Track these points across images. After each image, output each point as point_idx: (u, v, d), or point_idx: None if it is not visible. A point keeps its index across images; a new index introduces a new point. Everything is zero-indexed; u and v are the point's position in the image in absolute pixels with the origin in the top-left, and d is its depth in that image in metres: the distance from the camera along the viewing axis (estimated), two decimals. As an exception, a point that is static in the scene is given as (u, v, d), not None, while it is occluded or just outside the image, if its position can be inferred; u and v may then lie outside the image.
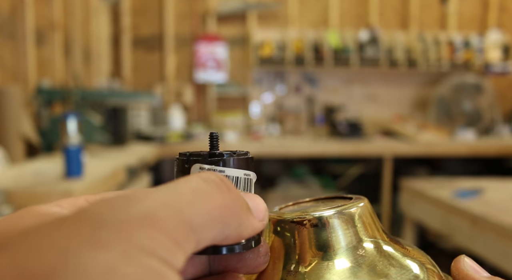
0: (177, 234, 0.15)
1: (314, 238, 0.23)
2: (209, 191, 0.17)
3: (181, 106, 3.19)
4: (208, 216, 0.17)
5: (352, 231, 0.23)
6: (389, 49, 3.30)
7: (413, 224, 1.94)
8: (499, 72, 3.43)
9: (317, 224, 0.23)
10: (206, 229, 0.16)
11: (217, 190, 0.18)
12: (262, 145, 2.82)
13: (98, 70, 3.03)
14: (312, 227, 0.23)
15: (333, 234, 0.23)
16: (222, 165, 0.21)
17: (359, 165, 3.09)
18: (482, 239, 1.37)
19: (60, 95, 2.03)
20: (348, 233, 0.23)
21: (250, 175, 0.22)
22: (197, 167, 0.21)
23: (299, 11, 3.43)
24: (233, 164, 0.21)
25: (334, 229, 0.23)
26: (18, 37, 1.91)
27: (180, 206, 0.16)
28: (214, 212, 0.17)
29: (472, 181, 1.92)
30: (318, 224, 0.23)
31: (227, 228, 0.18)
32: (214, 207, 0.17)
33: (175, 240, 0.15)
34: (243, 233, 0.19)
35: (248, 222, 0.19)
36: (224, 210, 0.17)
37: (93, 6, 2.93)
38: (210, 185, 0.18)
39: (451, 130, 3.21)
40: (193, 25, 3.36)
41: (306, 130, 3.41)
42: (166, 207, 0.16)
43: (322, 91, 3.50)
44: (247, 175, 0.22)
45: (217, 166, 0.21)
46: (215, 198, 0.17)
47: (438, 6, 3.55)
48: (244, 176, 0.22)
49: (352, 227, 0.23)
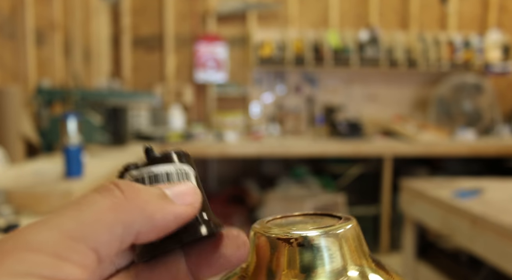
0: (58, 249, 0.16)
1: (299, 258, 0.22)
2: (97, 198, 0.18)
3: (181, 106, 3.20)
4: (95, 221, 0.17)
5: (339, 254, 0.22)
6: (389, 49, 3.30)
7: (413, 224, 1.94)
8: (499, 72, 3.43)
9: (304, 244, 0.22)
10: (98, 234, 0.17)
11: (109, 195, 0.18)
12: (262, 145, 2.82)
13: (98, 70, 3.04)
14: (298, 246, 0.22)
15: (318, 256, 0.22)
16: (149, 164, 0.22)
17: (359, 165, 3.09)
18: (482, 239, 1.37)
19: (60, 95, 2.03)
20: (334, 257, 0.22)
21: (184, 169, 0.23)
22: (127, 175, 0.22)
23: (299, 11, 3.43)
24: (160, 161, 0.22)
25: (320, 251, 0.22)
26: (18, 37, 1.91)
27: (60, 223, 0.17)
28: (103, 216, 0.18)
29: (472, 181, 1.92)
30: (304, 244, 0.22)
31: (132, 225, 0.18)
32: (103, 211, 0.18)
33: (57, 256, 0.16)
34: (159, 222, 0.19)
35: (164, 210, 0.19)
36: (119, 210, 0.18)
37: (93, 6, 2.93)
38: (101, 194, 0.18)
39: (451, 130, 3.21)
40: (193, 25, 3.36)
41: (306, 130, 3.41)
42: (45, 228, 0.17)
43: (322, 91, 3.50)
44: (179, 168, 0.22)
45: (144, 167, 0.22)
46: (105, 203, 0.18)
47: (438, 6, 3.55)
48: (175, 170, 0.22)
49: (339, 250, 0.22)
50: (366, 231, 1.66)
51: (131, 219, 0.18)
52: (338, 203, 2.31)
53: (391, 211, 2.91)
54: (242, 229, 0.24)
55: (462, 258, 1.85)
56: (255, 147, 2.79)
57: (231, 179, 3.38)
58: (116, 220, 0.18)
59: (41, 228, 0.17)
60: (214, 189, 3.37)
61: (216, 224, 0.23)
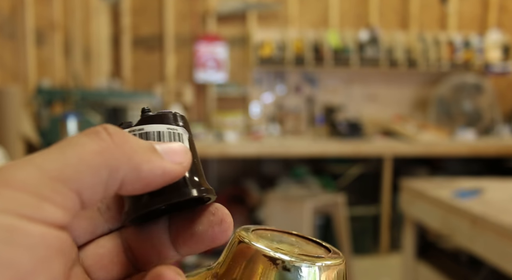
0: (41, 189, 0.16)
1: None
2: (84, 141, 0.17)
3: (181, 106, 3.20)
4: (79, 163, 0.17)
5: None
6: (389, 49, 3.30)
7: (413, 224, 1.94)
8: (499, 72, 3.43)
9: (289, 269, 0.20)
10: (82, 176, 0.16)
11: (96, 138, 0.18)
12: (262, 145, 2.82)
13: (98, 70, 3.04)
14: (283, 269, 0.20)
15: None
16: (142, 123, 0.22)
17: (359, 165, 3.09)
18: (482, 239, 1.37)
19: (60, 95, 2.03)
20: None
21: (177, 130, 0.22)
22: None
23: (299, 11, 3.43)
24: (153, 121, 0.22)
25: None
26: (18, 37, 1.91)
27: (43, 163, 0.16)
28: (89, 158, 0.17)
29: (472, 181, 1.92)
30: (290, 269, 0.20)
31: (117, 170, 0.17)
32: (89, 153, 0.17)
33: (37, 195, 0.15)
34: (145, 173, 0.18)
35: (152, 163, 0.18)
36: (105, 154, 0.17)
37: (93, 6, 2.93)
38: (88, 136, 0.18)
39: (451, 130, 3.21)
40: (193, 25, 3.36)
41: (306, 130, 3.41)
42: (27, 167, 0.16)
43: (322, 91, 3.50)
44: (172, 129, 0.22)
45: (136, 126, 0.22)
46: (90, 145, 0.17)
47: (438, 6, 3.55)
48: (167, 130, 0.22)
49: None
50: (366, 231, 1.69)
51: (117, 164, 0.17)
52: (338, 203, 2.31)
53: (391, 211, 2.91)
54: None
55: (462, 258, 1.85)
56: (255, 147, 2.79)
57: (231, 179, 3.38)
58: (101, 163, 0.17)
59: (22, 167, 0.16)
60: (214, 189, 3.36)
61: (207, 190, 0.22)
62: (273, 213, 2.32)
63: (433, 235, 2.16)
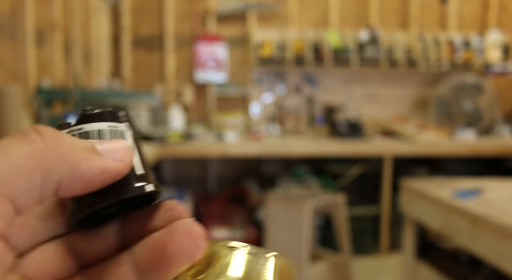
0: None
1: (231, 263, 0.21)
2: (14, 144, 0.17)
3: (181, 106, 3.20)
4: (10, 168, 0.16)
5: None
6: (389, 49, 3.30)
7: (413, 224, 1.94)
8: (499, 72, 3.43)
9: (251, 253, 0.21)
10: (14, 181, 0.16)
11: (26, 140, 0.17)
12: (262, 145, 2.82)
13: (98, 70, 3.04)
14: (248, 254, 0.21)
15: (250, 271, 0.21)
16: (81, 123, 0.21)
17: (359, 165, 3.09)
18: (482, 239, 1.37)
19: (60, 95, 2.03)
20: None
21: (118, 127, 0.21)
22: None
23: (299, 11, 3.43)
24: (92, 120, 0.21)
25: None
26: (18, 37, 1.91)
27: None
28: (21, 162, 0.16)
29: (472, 181, 1.92)
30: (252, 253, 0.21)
31: (52, 172, 0.17)
32: (20, 157, 0.16)
33: None
34: (83, 173, 0.18)
35: (90, 162, 0.18)
36: (37, 156, 0.17)
37: (93, 6, 2.93)
38: (18, 138, 0.17)
39: (451, 130, 3.21)
40: (193, 25, 3.36)
41: (306, 130, 3.41)
42: None
43: (322, 91, 3.50)
44: (113, 126, 0.21)
45: (75, 126, 0.21)
46: (21, 148, 0.17)
47: (438, 6, 3.55)
48: (108, 128, 0.21)
49: None
50: (366, 231, 1.69)
51: (51, 166, 0.17)
52: (338, 203, 2.31)
53: (391, 211, 2.91)
54: (242, 229, 0.23)
55: (462, 258, 1.85)
56: (255, 147, 2.79)
57: (231, 179, 3.38)
58: (34, 167, 0.16)
59: None
60: (214, 189, 3.37)
61: (155, 188, 0.21)
62: (273, 213, 2.32)
63: (433, 235, 2.16)
